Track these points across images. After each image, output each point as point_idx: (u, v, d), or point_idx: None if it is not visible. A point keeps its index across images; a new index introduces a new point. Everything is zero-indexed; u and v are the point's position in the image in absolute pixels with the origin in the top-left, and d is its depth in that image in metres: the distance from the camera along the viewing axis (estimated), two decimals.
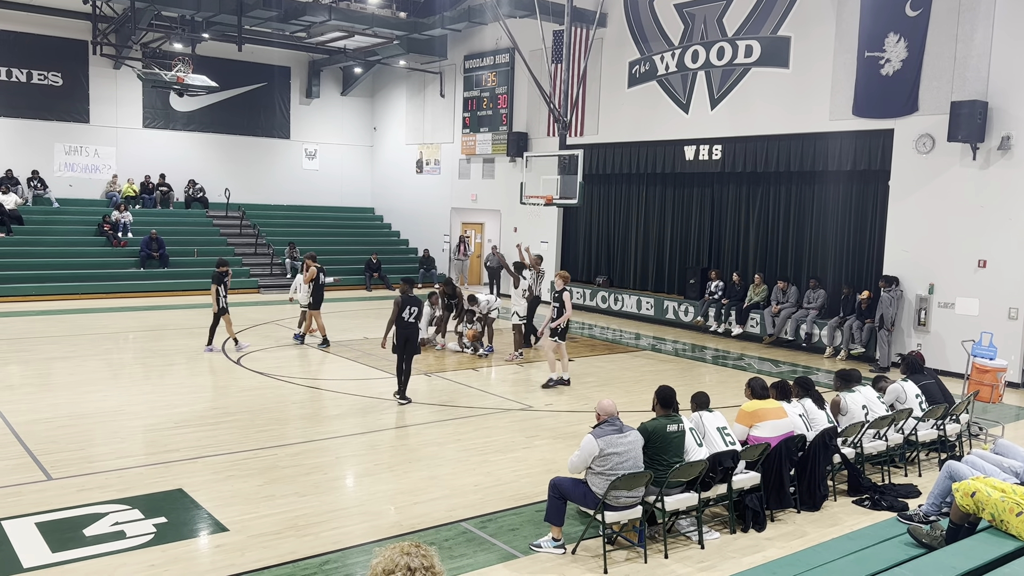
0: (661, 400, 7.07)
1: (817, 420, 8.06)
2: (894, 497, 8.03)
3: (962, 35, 14.05)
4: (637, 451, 6.61)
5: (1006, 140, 13.65)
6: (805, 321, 16.57)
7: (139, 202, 25.21)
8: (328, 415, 10.74)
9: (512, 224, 23.87)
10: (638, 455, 6.62)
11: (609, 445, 6.45)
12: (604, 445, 6.44)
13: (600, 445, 6.44)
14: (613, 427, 6.58)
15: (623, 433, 6.58)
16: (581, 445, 6.59)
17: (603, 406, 6.74)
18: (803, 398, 8.29)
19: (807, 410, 8.14)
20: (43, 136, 24.19)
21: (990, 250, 13.99)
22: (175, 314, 18.78)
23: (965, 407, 9.85)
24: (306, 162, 29.06)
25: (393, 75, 28.28)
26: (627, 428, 6.66)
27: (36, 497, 7.43)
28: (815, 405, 8.20)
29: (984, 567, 5.07)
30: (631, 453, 6.54)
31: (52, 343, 14.70)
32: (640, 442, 6.68)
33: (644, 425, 6.89)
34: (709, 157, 18.45)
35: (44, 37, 23.80)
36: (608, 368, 14.43)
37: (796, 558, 5.79)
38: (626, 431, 6.62)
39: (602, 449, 6.43)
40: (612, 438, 6.49)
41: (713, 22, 18.20)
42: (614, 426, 6.59)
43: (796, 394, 8.41)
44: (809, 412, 8.13)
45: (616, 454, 6.44)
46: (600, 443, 6.45)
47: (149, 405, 10.82)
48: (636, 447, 6.61)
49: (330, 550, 6.53)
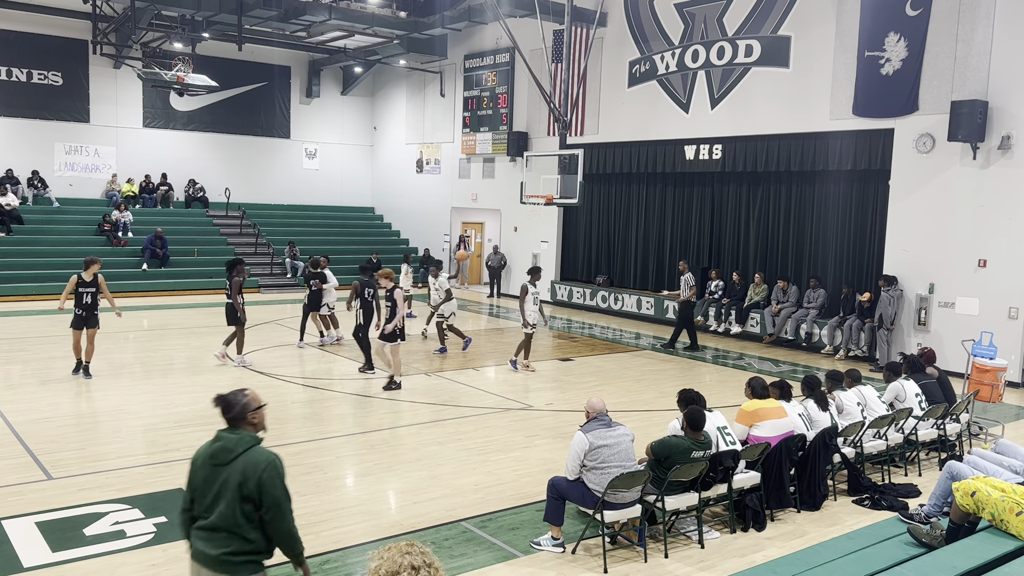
0: (690, 422, 6.80)
1: (819, 422, 8.05)
2: (894, 497, 8.03)
3: (962, 34, 14.05)
4: (627, 444, 6.62)
5: (1006, 140, 13.65)
6: (805, 320, 16.57)
7: (139, 202, 25.22)
8: (328, 414, 10.74)
9: (512, 224, 23.88)
10: (629, 448, 6.62)
11: (598, 438, 6.51)
12: (593, 439, 6.50)
13: (589, 439, 6.49)
14: (601, 423, 6.62)
15: (611, 428, 6.62)
16: (571, 444, 6.62)
17: (592, 404, 6.78)
18: (808, 398, 8.27)
19: (808, 411, 8.13)
20: (43, 136, 24.20)
21: (990, 250, 13.99)
22: (175, 313, 18.78)
23: (965, 407, 9.85)
24: (306, 162, 29.07)
25: (393, 74, 28.28)
26: (616, 424, 6.69)
27: (36, 496, 7.43)
28: (818, 407, 8.18)
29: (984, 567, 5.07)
30: (621, 446, 6.56)
31: (52, 343, 14.69)
32: (630, 437, 6.68)
33: (668, 443, 6.72)
34: (709, 157, 18.45)
35: (44, 37, 23.81)
36: (608, 368, 14.43)
37: (796, 557, 5.79)
38: (614, 426, 6.65)
39: (591, 443, 6.48)
40: (600, 431, 6.54)
41: (713, 22, 18.20)
42: (602, 422, 6.63)
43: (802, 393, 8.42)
44: (811, 413, 8.12)
45: (606, 446, 6.48)
46: (589, 437, 6.50)
47: (149, 404, 10.83)
48: (625, 440, 6.62)
49: (330, 549, 6.53)
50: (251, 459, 4.13)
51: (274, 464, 4.15)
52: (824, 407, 8.21)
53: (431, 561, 2.71)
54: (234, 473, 4.10)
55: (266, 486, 4.07)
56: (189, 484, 4.26)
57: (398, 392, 11.94)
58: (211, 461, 4.18)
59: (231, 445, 4.19)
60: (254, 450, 4.19)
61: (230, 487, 4.08)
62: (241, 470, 4.09)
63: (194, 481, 4.24)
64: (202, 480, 4.19)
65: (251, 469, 4.09)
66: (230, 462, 4.13)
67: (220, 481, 4.11)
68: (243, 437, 4.23)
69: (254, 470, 4.09)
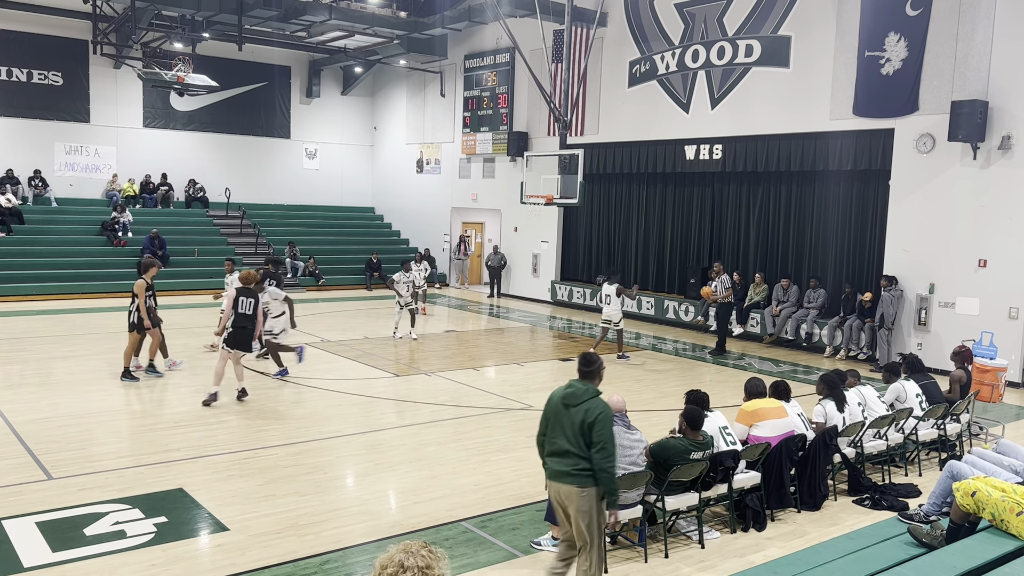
0: (689, 421, 6.81)
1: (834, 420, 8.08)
2: (894, 497, 8.03)
3: (962, 34, 14.05)
4: (640, 450, 6.64)
5: (1006, 140, 13.64)
6: (805, 321, 16.57)
7: (140, 201, 25.22)
8: (328, 415, 10.74)
9: (512, 224, 23.88)
10: (641, 454, 6.63)
11: (618, 435, 6.47)
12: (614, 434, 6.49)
13: None
14: (623, 422, 6.62)
15: (631, 431, 6.62)
16: None
17: (613, 401, 6.75)
18: (827, 398, 8.30)
19: (828, 412, 8.13)
20: (43, 136, 24.20)
21: (990, 250, 13.98)
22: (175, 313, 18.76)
23: (965, 407, 9.85)
24: (306, 162, 29.07)
25: (393, 74, 28.28)
26: (634, 428, 6.71)
27: (36, 496, 7.43)
28: (835, 408, 8.18)
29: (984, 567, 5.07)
30: (635, 450, 6.57)
31: (52, 343, 14.70)
32: (644, 443, 6.68)
33: (665, 445, 6.72)
34: (710, 157, 18.45)
35: (44, 37, 23.80)
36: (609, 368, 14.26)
37: (796, 557, 5.79)
38: (633, 430, 6.66)
39: None
40: (621, 430, 6.53)
41: (713, 21, 18.20)
42: (624, 421, 6.63)
43: (820, 391, 8.48)
44: (828, 412, 8.13)
45: (622, 447, 6.47)
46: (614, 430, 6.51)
47: (150, 404, 10.82)
48: (639, 447, 6.64)
49: (330, 549, 6.53)
50: (592, 405, 5.38)
51: (606, 413, 5.40)
52: (841, 408, 8.21)
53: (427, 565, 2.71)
54: (578, 413, 5.37)
55: (597, 428, 5.31)
56: (544, 416, 5.63)
57: (399, 392, 11.91)
58: (563, 402, 5.49)
59: (580, 392, 5.47)
60: (595, 399, 5.44)
61: (575, 423, 5.38)
62: (584, 412, 5.35)
63: (548, 414, 5.59)
64: (554, 415, 5.53)
65: (590, 413, 5.34)
66: (577, 405, 5.41)
67: (568, 417, 5.41)
68: (589, 388, 5.51)
69: (592, 414, 5.33)
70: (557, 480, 5.49)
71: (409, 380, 12.78)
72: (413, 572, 2.69)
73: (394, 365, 13.94)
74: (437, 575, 2.72)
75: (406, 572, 2.69)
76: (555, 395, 5.57)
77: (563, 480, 5.43)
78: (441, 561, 2.77)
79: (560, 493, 5.48)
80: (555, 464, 5.49)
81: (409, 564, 2.70)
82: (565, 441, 5.40)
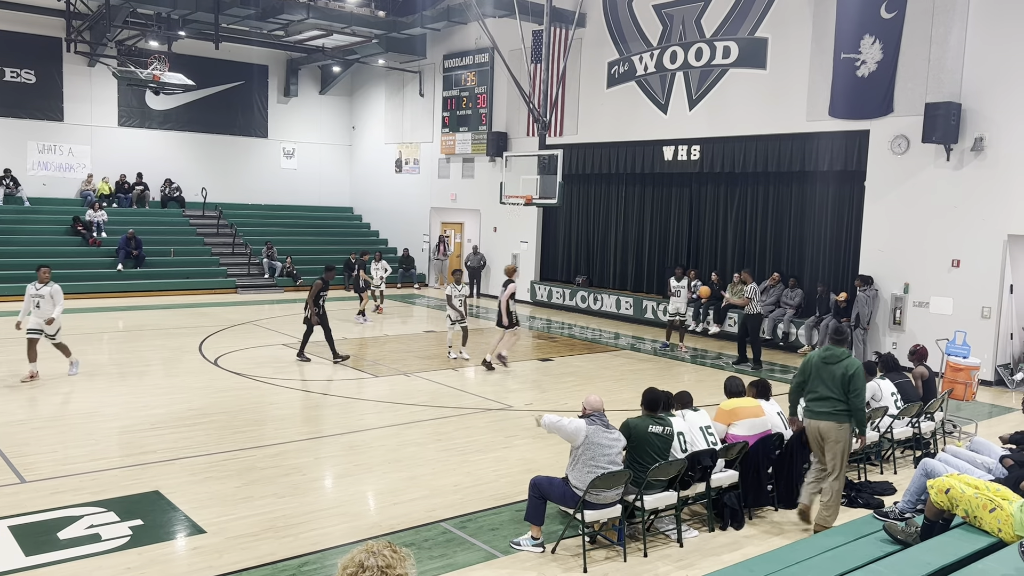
0: (646, 403, 7.06)
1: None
2: (870, 494, 8.11)
3: (936, 37, 14.22)
4: (618, 450, 6.68)
5: (979, 141, 13.83)
6: (782, 320, 16.69)
7: (115, 201, 24.93)
8: (307, 416, 10.68)
9: (492, 224, 23.86)
10: (618, 455, 6.67)
11: (596, 434, 6.57)
12: (591, 433, 6.56)
13: (588, 431, 6.55)
14: (601, 422, 6.68)
15: (608, 430, 6.68)
16: (572, 420, 6.70)
17: (590, 401, 6.83)
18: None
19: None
20: (16, 134, 23.85)
21: (964, 250, 14.17)
22: (151, 314, 18.59)
23: (939, 405, 9.97)
24: (284, 161, 28.88)
25: (372, 74, 28.16)
26: (612, 427, 6.76)
27: (9, 500, 7.32)
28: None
29: (958, 563, 5.13)
30: (613, 449, 6.62)
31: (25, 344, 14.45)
32: (621, 443, 6.72)
33: (627, 422, 6.93)
34: (688, 157, 18.54)
35: (17, 34, 23.45)
36: (587, 368, 14.46)
37: (774, 555, 5.83)
38: (611, 429, 6.72)
39: (587, 436, 6.53)
40: (599, 429, 6.61)
41: (691, 23, 18.30)
42: (602, 420, 6.69)
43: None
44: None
45: (600, 445, 6.53)
46: (590, 429, 6.56)
47: (125, 406, 10.70)
48: (618, 446, 6.69)
49: (309, 551, 6.50)
50: (849, 363, 7.00)
51: (861, 368, 7.02)
52: None
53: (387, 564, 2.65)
54: (839, 367, 6.98)
55: (854, 379, 6.93)
56: (803, 372, 7.23)
57: (378, 393, 11.87)
58: (823, 361, 7.08)
59: (837, 353, 7.08)
60: (851, 359, 7.06)
61: (836, 376, 6.98)
62: (844, 367, 6.97)
63: (809, 370, 7.17)
64: (815, 370, 7.10)
65: (850, 368, 6.95)
66: (837, 362, 7.01)
67: (828, 372, 7.01)
68: (843, 351, 7.10)
69: (850, 368, 6.95)
70: (818, 419, 7.03)
71: (388, 381, 12.74)
72: (372, 572, 2.64)
73: (372, 366, 13.89)
74: (398, 575, 2.68)
75: (365, 572, 2.64)
76: (813, 356, 7.22)
77: (824, 418, 6.99)
78: (405, 561, 2.70)
79: (820, 429, 7.06)
80: (817, 407, 7.05)
81: (369, 564, 2.65)
82: (826, 389, 6.97)
